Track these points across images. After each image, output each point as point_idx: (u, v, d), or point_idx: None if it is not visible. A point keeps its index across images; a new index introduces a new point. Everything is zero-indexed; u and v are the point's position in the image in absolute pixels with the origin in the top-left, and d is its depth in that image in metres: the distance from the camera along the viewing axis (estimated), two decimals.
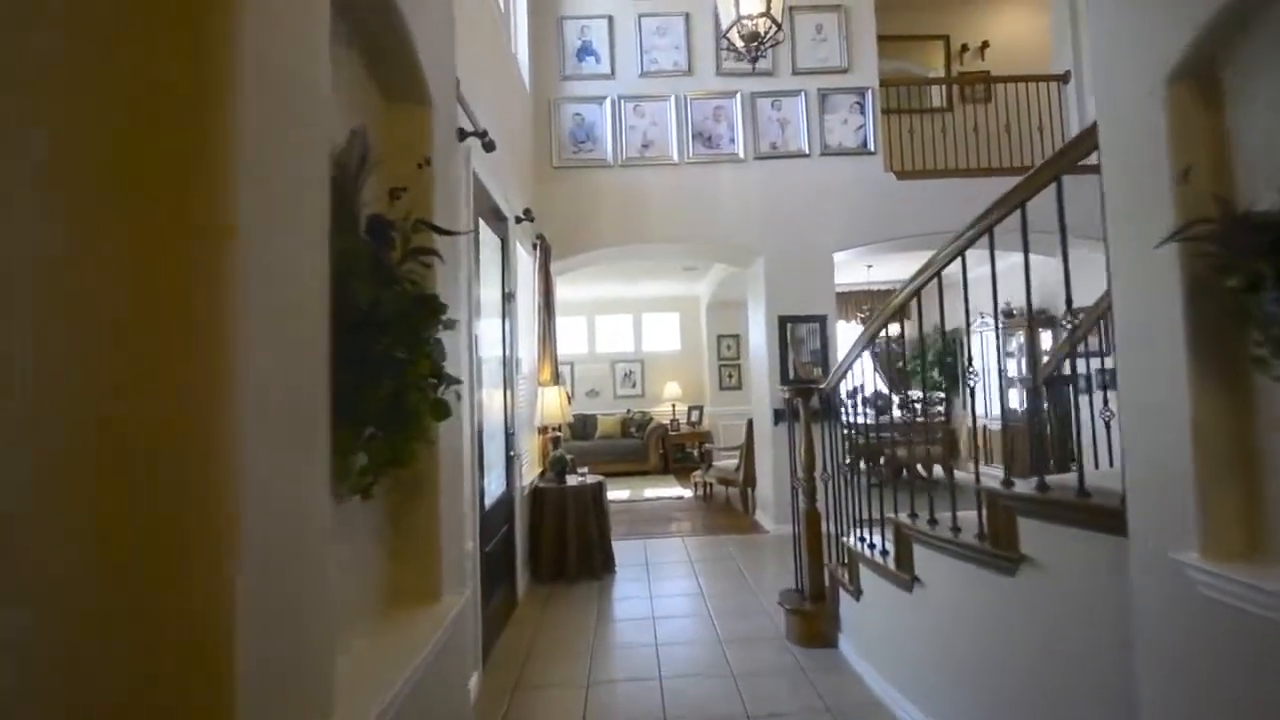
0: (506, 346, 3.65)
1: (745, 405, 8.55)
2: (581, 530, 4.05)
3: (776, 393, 5.02)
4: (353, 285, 0.85)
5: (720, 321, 8.66)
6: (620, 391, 9.16)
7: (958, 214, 5.34)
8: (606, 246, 5.14)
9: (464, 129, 2.60)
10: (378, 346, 0.85)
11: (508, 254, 3.74)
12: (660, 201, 5.14)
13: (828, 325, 5.10)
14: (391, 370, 0.86)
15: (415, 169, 1.13)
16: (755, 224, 5.16)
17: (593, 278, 7.88)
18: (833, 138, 5.26)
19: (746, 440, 5.84)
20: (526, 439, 4.42)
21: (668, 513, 6.04)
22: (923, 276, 2.45)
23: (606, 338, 9.31)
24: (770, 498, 5.10)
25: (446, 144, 1.50)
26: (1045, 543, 1.72)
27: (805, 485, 3.04)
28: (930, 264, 2.41)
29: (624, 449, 8.20)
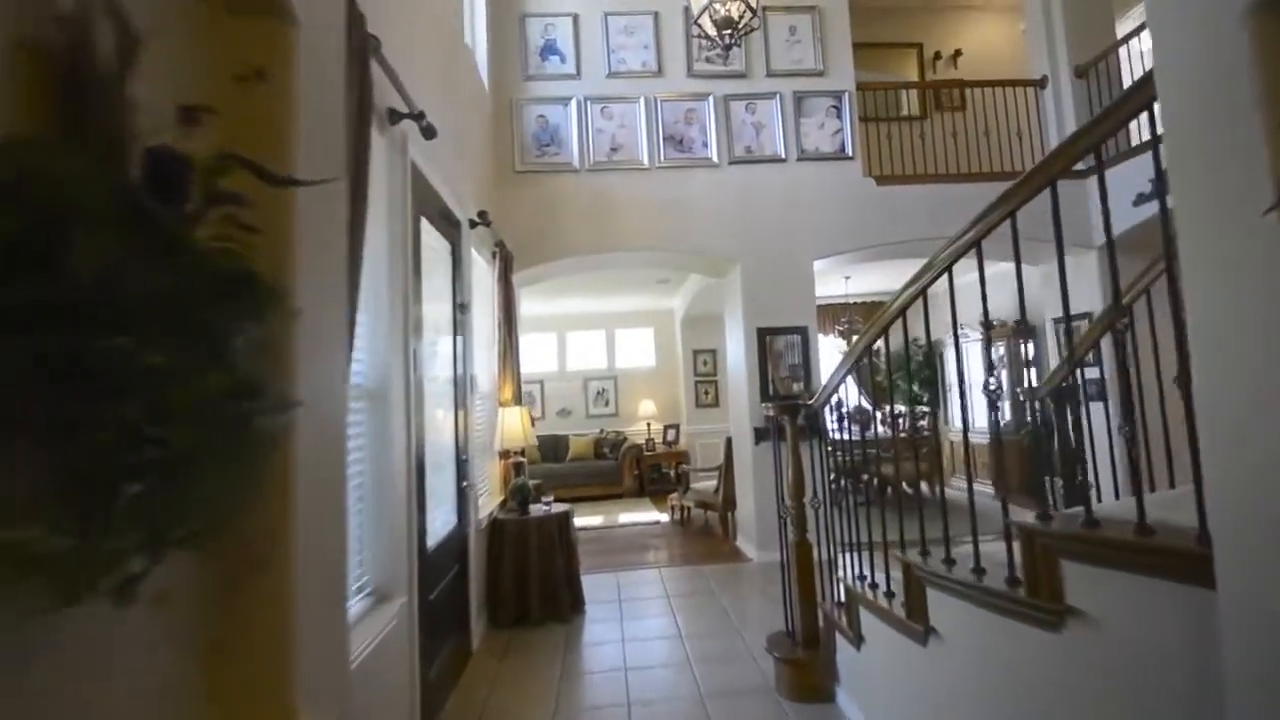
0: (459, 363, 3.26)
1: (723, 423, 8.24)
2: (546, 567, 3.64)
3: (757, 410, 4.71)
4: (74, 240, 0.49)
5: (696, 336, 8.36)
6: (593, 410, 8.77)
7: (939, 220, 5.17)
8: (573, 255, 4.81)
9: (397, 109, 2.26)
10: (109, 347, 0.49)
11: (460, 261, 3.38)
12: (630, 208, 4.84)
13: (809, 337, 4.83)
14: (141, 387, 0.50)
15: (246, 91, 0.78)
16: (731, 231, 4.89)
17: (563, 292, 7.54)
18: (809, 142, 5.04)
19: (725, 460, 5.50)
20: (485, 466, 4.02)
21: (643, 540, 5.65)
22: (919, 283, 2.16)
23: (578, 354, 8.93)
24: (752, 522, 4.76)
25: (321, 76, 1.15)
26: (1098, 592, 1.40)
27: (794, 514, 2.70)
28: (929, 267, 2.12)
29: (597, 471, 7.79)
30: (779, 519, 2.88)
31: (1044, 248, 5.28)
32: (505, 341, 4.17)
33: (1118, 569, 1.36)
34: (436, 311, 2.94)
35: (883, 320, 2.36)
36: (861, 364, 6.13)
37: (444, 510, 2.93)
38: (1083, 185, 5.11)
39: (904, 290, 2.24)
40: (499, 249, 4.21)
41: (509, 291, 4.28)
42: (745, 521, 5.01)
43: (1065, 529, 1.46)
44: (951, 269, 2.10)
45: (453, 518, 3.08)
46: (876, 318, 2.40)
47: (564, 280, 6.73)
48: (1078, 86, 5.19)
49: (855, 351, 2.46)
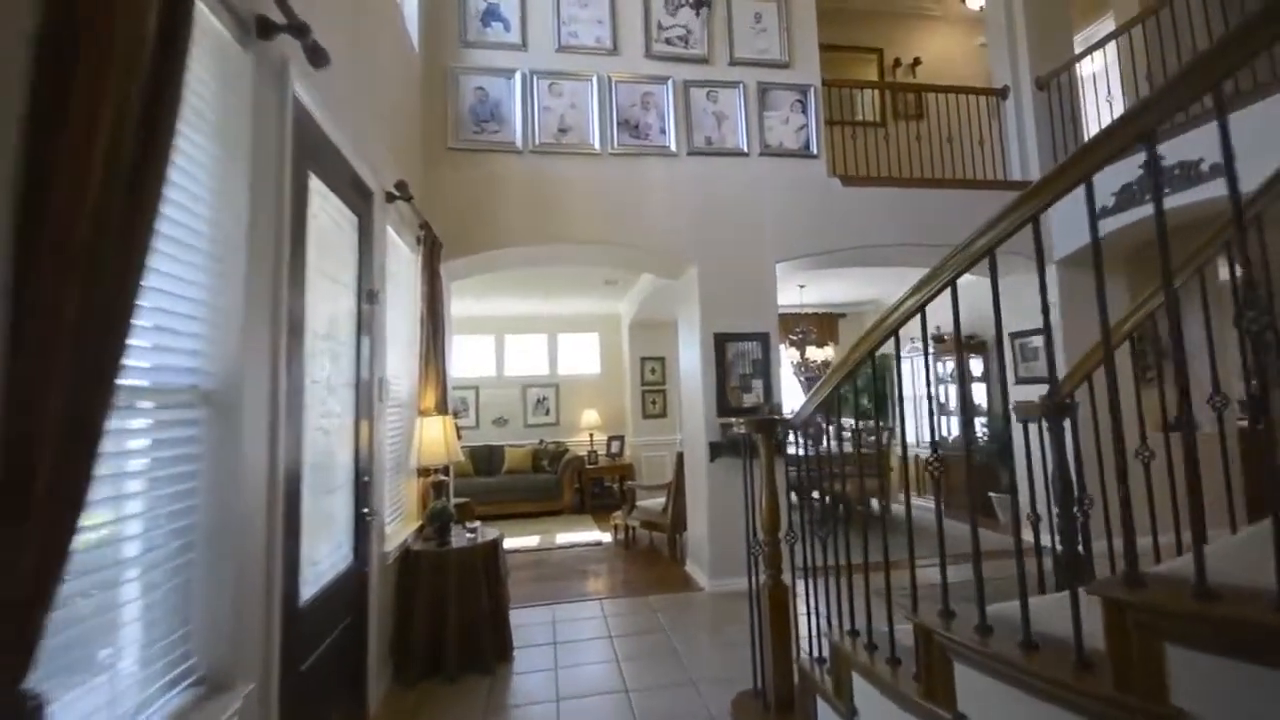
0: (363, 363, 2.66)
1: (671, 435, 7.82)
2: (468, 606, 3.06)
3: (713, 423, 4.29)
4: None
5: (644, 343, 7.93)
6: (532, 419, 8.16)
7: (906, 226, 4.93)
8: (513, 246, 4.26)
9: (272, 19, 1.69)
10: None
11: (370, 240, 2.78)
12: (579, 196, 4.35)
13: (770, 345, 4.46)
14: None
15: None
16: (689, 227, 4.48)
17: (501, 290, 6.94)
18: (773, 137, 4.71)
19: (675, 477, 5.06)
20: (400, 486, 3.40)
21: (583, 564, 5.11)
22: (921, 294, 1.79)
23: (517, 359, 8.32)
24: (705, 546, 4.32)
25: None
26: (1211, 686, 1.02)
27: (768, 551, 2.26)
28: (934, 276, 1.74)
29: (534, 486, 7.19)
30: (748, 554, 2.44)
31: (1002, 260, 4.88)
32: (429, 341, 3.58)
33: (1245, 659, 0.98)
34: (332, 298, 2.35)
35: (881, 332, 1.97)
36: (810, 377, 5.70)
37: (333, 547, 2.33)
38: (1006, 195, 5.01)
39: (905, 300, 1.85)
40: (425, 232, 3.62)
41: (435, 283, 3.69)
42: (696, 545, 4.57)
43: (1170, 604, 1.07)
44: (956, 281, 1.72)
45: (347, 554, 2.47)
46: (872, 330, 2.00)
47: (503, 276, 6.15)
48: (1039, 98, 5.11)
49: (850, 364, 2.06)
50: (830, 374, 2.15)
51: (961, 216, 4.84)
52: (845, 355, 2.09)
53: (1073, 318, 4.92)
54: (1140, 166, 4.23)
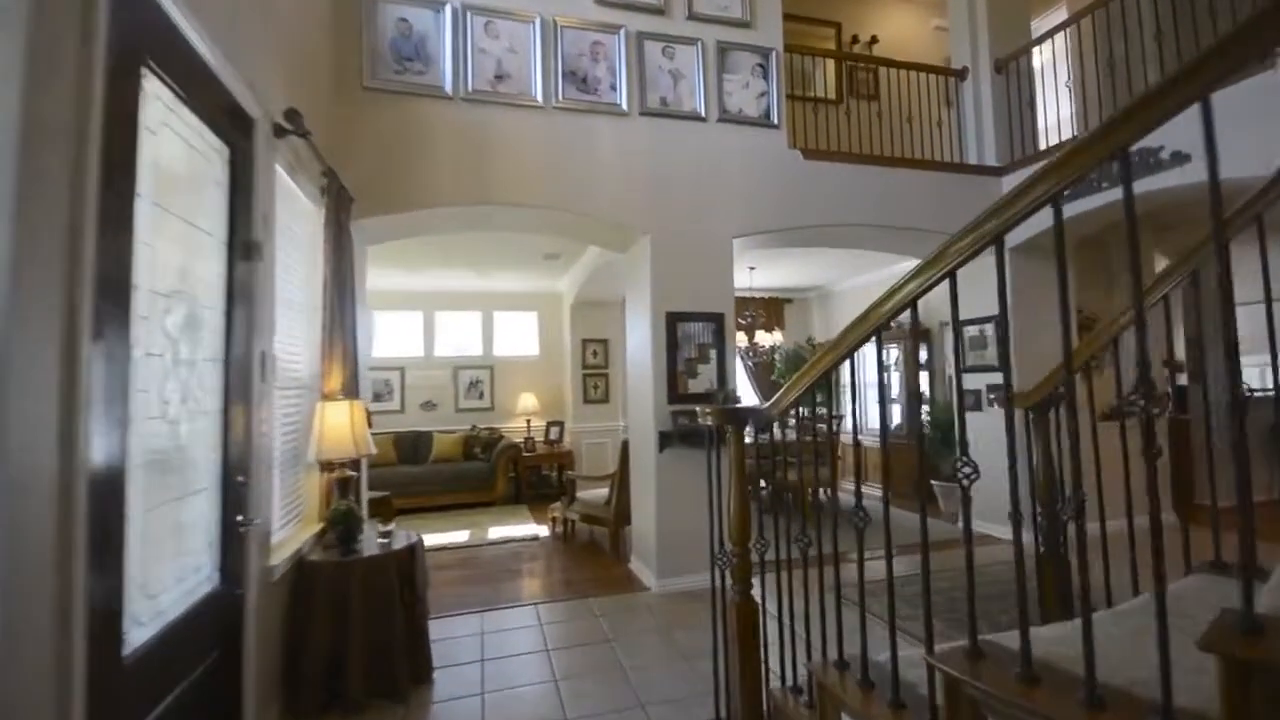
0: (237, 335, 2.12)
1: (613, 421, 7.46)
2: (378, 625, 2.59)
3: (663, 410, 3.94)
4: None
5: (586, 324, 7.49)
6: (464, 403, 7.58)
7: (868, 204, 4.65)
8: (441, 206, 3.71)
9: None
10: None
11: (250, 179, 2.22)
12: (518, 154, 3.85)
13: (725, 326, 4.14)
14: None
15: None
16: (641, 195, 4.07)
17: (432, 261, 6.32)
18: (732, 102, 4.36)
19: (620, 468, 4.69)
20: (295, 484, 2.86)
21: (517, 562, 4.68)
22: (924, 278, 1.48)
23: (449, 338, 7.69)
24: (652, 543, 3.99)
25: None
26: None
27: (736, 562, 1.93)
28: (939, 260, 1.44)
29: (465, 475, 6.66)
30: (712, 565, 2.10)
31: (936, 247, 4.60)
32: (334, 311, 3.02)
33: None
34: (186, 248, 1.80)
35: (872, 323, 1.65)
36: (758, 362, 5.38)
37: (187, 569, 1.80)
38: (997, 181, 4.93)
39: (904, 285, 1.54)
40: (330, 181, 3.04)
41: (343, 242, 3.12)
42: (642, 541, 4.23)
43: None
44: (955, 272, 1.42)
45: (211, 575, 1.95)
46: (866, 318, 1.69)
47: (430, 243, 5.55)
48: (997, 81, 5.00)
49: (844, 347, 1.74)
50: (817, 360, 1.82)
51: (921, 199, 4.68)
52: (837, 340, 1.77)
53: (1024, 306, 4.87)
54: None
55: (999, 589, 3.76)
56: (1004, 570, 3.95)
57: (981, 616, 1.31)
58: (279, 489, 2.73)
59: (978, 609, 1.28)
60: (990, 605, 3.43)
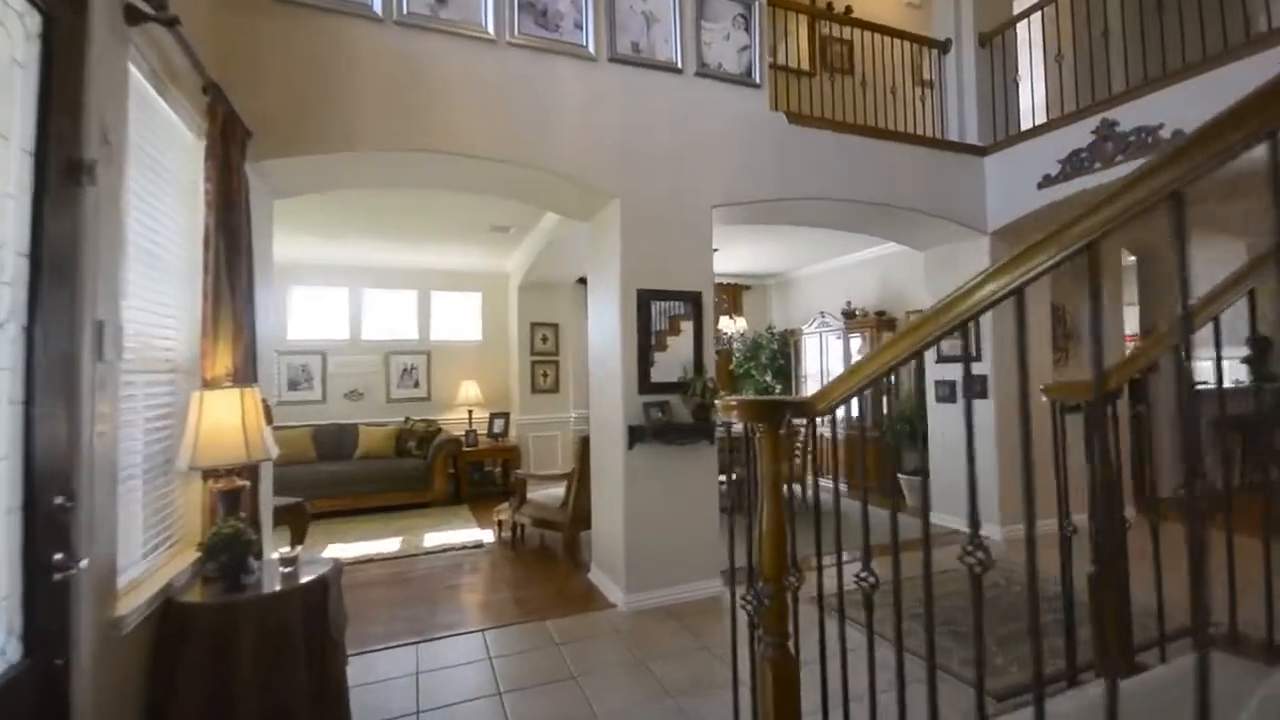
0: (58, 296, 1.45)
1: (563, 412, 6.90)
2: (275, 683, 1.96)
3: (633, 402, 3.44)
4: None
5: (535, 306, 6.86)
6: (397, 393, 6.81)
7: (855, 178, 4.26)
8: (365, 150, 3.04)
9: None
10: None
11: (80, 71, 1.54)
12: (464, 94, 3.21)
13: (703, 306, 3.67)
14: None
15: None
16: (610, 154, 3.52)
17: (359, 229, 5.53)
18: (711, 55, 3.87)
19: (579, 466, 4.16)
20: (166, 499, 2.19)
21: (459, 576, 4.07)
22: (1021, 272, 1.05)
23: (379, 319, 6.87)
24: (619, 553, 3.49)
25: None
26: None
27: (771, 605, 1.45)
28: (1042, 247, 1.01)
29: (397, 473, 5.92)
30: (733, 606, 1.62)
31: (925, 228, 4.34)
32: (220, 273, 2.32)
33: None
34: None
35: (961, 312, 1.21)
36: (718, 350, 4.79)
37: None
38: (980, 162, 4.68)
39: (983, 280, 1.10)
40: (214, 103, 2.34)
41: (234, 186, 2.42)
42: (607, 551, 3.73)
43: None
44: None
45: (4, 647, 1.30)
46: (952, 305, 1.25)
47: (356, 206, 4.80)
48: (980, 55, 4.74)
49: (921, 338, 1.29)
50: (887, 347, 1.36)
51: (906, 177, 4.36)
52: (916, 325, 1.31)
53: None
54: (1092, 133, 3.95)
55: (996, 599, 3.49)
56: (994, 575, 3.71)
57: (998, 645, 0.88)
58: (141, 507, 2.05)
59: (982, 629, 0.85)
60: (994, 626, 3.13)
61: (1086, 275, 1.05)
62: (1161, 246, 6.04)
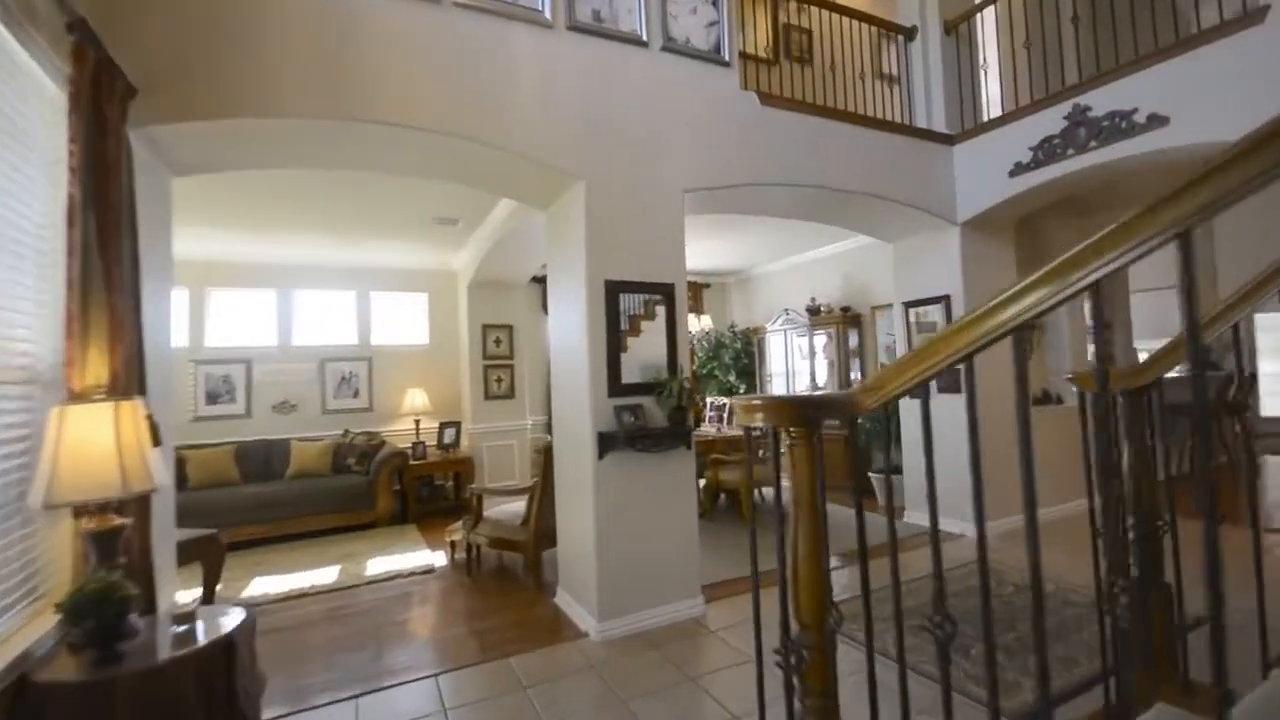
0: None
1: (519, 419, 6.47)
2: None
3: (603, 405, 3.10)
4: None
5: (487, 307, 6.41)
6: (334, 404, 6.21)
7: (831, 164, 3.90)
8: (288, 117, 2.58)
9: None
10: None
11: None
12: (404, 56, 2.80)
13: (676, 300, 3.37)
14: None
15: None
16: (571, 130, 3.17)
17: (288, 223, 4.99)
18: (678, 28, 3.58)
19: (542, 477, 3.78)
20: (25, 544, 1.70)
21: (407, 608, 3.61)
22: (1097, 265, 0.77)
23: (313, 323, 6.26)
24: (590, 575, 3.13)
25: None
26: None
27: (812, 662, 1.14)
28: (1117, 238, 0.73)
29: (335, 493, 5.35)
30: (759, 659, 1.30)
31: (896, 219, 4.12)
32: (89, 259, 1.85)
33: None
34: None
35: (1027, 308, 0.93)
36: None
37: None
38: (948, 151, 4.58)
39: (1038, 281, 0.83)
40: (82, 42, 1.86)
41: (109, 151, 1.95)
42: (575, 570, 3.36)
43: None
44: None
45: None
46: (1013, 299, 0.97)
47: (281, 191, 4.29)
48: (946, 42, 4.64)
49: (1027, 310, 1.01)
50: (975, 320, 1.09)
51: (878, 164, 4.20)
52: (1016, 294, 1.03)
53: (975, 284, 4.58)
54: (1064, 119, 3.87)
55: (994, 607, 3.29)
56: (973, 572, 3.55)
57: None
58: None
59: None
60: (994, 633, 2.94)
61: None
62: None
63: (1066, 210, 5.44)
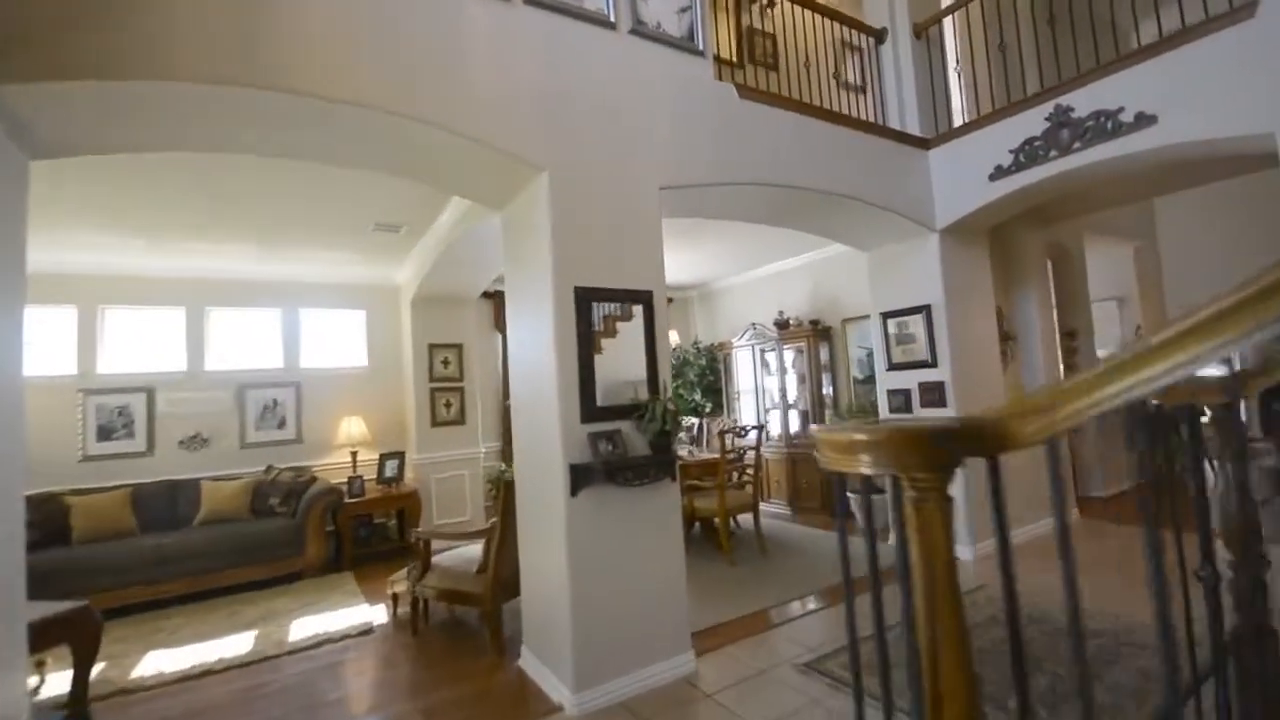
0: None
1: (471, 448, 5.90)
2: None
3: (575, 433, 2.65)
4: None
5: (434, 324, 5.83)
6: (255, 436, 5.46)
7: (811, 164, 2.99)
8: (183, 80, 2.05)
9: None
10: None
11: None
12: (336, 21, 2.32)
13: (655, 310, 2.97)
14: None
15: None
16: (533, 115, 2.76)
17: (195, 226, 4.34)
18: (649, 11, 3.24)
19: (502, 517, 3.26)
20: None
21: (339, 682, 3.00)
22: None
23: (230, 345, 5.52)
24: (564, 632, 2.63)
25: None
26: None
27: None
28: None
29: (255, 540, 4.62)
30: None
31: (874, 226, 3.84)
32: None
33: None
34: None
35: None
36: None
37: None
38: (924, 156, 4.41)
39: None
40: None
41: None
42: (541, 626, 2.86)
43: None
44: None
45: None
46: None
47: (191, 190, 3.69)
48: (917, 45, 4.51)
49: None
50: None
51: (857, 166, 3.96)
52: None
53: (953, 293, 4.40)
54: (1046, 120, 3.74)
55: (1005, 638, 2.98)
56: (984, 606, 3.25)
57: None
58: None
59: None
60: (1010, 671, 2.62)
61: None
62: (1072, 250, 6.20)
63: (1033, 219, 5.40)
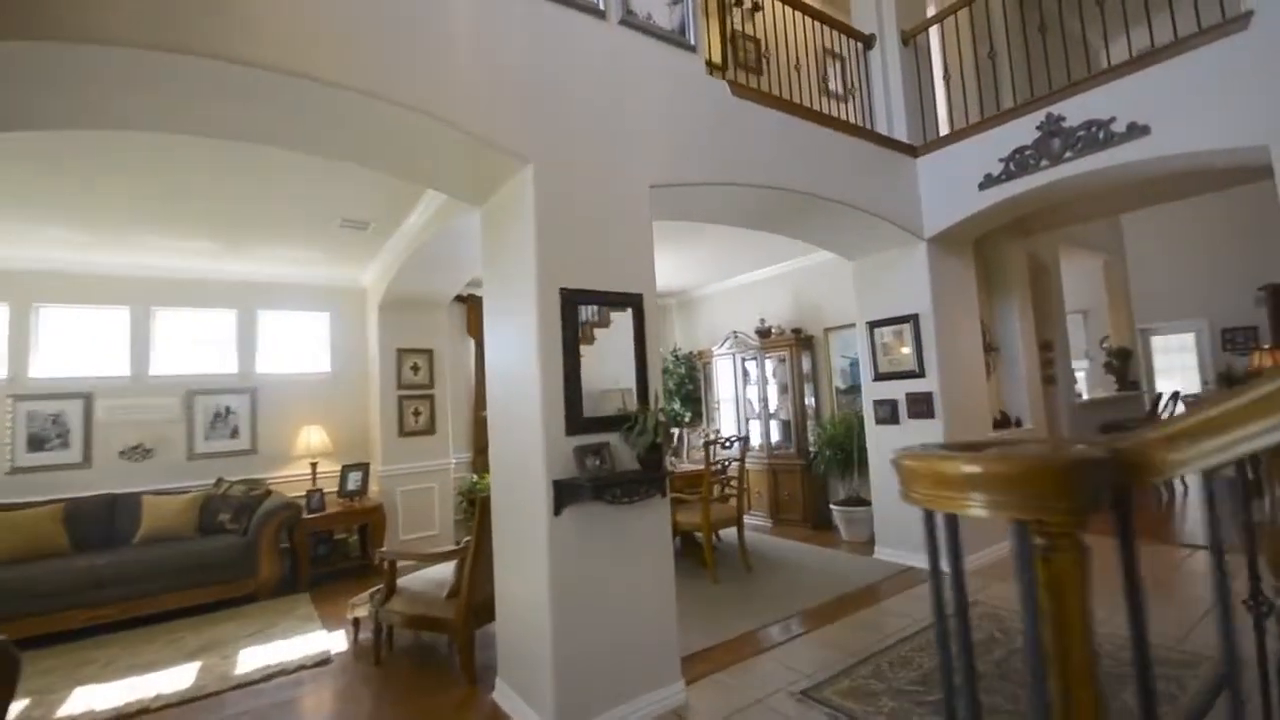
0: None
1: (441, 459, 5.61)
2: None
3: (559, 445, 2.44)
4: None
5: (402, 329, 5.54)
6: (204, 446, 5.07)
7: (805, 167, 2.71)
8: (117, 45, 1.79)
9: None
10: None
11: None
12: None
13: (645, 314, 2.78)
14: None
15: None
16: (517, 104, 2.56)
17: (147, 219, 4.00)
18: (640, 2, 3.08)
19: (476, 536, 3.02)
20: None
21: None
22: None
23: (178, 348, 5.14)
24: (545, 663, 2.41)
25: None
26: None
27: None
28: None
29: (202, 558, 4.25)
30: None
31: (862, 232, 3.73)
32: None
33: None
34: None
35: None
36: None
37: None
38: (912, 163, 4.35)
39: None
40: None
41: None
42: (519, 654, 2.63)
43: None
44: None
45: None
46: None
47: (140, 176, 3.38)
48: (905, 53, 4.46)
49: None
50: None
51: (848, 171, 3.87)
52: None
53: (941, 302, 4.33)
54: (1036, 129, 3.71)
55: (1003, 660, 2.89)
56: (982, 624, 3.15)
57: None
58: None
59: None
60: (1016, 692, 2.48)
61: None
62: (1048, 262, 6.26)
63: (1015, 231, 5.41)
